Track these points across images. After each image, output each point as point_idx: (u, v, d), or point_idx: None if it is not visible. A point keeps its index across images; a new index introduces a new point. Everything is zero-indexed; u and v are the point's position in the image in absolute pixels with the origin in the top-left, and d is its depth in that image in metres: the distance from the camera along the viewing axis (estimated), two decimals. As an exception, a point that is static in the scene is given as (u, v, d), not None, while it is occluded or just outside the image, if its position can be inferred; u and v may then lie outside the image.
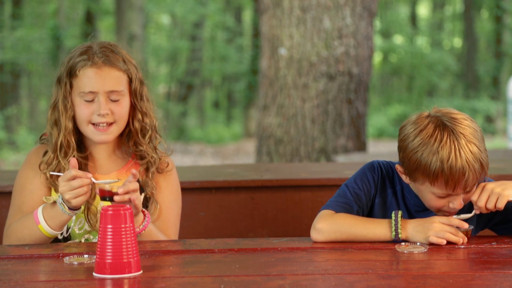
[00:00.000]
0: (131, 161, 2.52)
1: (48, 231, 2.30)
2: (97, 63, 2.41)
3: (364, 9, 6.73)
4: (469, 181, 2.18)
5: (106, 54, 2.44)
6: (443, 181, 2.18)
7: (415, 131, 2.23)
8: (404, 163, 2.27)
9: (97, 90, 2.38)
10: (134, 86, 2.46)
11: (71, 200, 2.20)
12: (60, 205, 2.25)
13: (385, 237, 2.19)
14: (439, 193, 2.22)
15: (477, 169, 2.18)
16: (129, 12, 16.94)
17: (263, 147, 6.87)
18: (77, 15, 19.62)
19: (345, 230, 2.22)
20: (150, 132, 2.49)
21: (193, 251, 2.15)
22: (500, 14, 21.49)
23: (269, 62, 6.83)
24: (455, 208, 2.24)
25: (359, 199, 2.34)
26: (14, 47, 17.12)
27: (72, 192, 2.20)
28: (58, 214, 2.27)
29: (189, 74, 21.92)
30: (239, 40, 22.09)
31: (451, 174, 2.16)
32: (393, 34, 23.87)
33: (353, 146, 6.74)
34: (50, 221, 2.28)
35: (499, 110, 19.69)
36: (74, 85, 2.41)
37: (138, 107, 2.47)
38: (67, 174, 2.20)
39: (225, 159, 14.55)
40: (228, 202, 3.24)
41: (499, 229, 2.42)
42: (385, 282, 1.80)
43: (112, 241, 1.86)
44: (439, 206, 2.25)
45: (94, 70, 2.40)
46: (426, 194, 2.26)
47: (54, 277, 1.92)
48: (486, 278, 1.81)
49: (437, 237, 2.15)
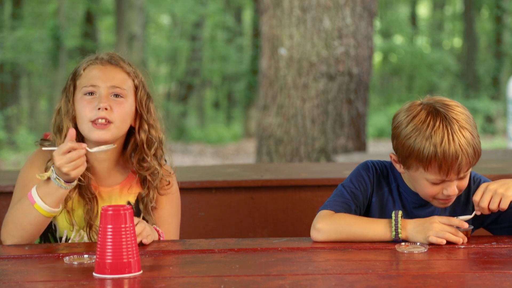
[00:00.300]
0: (131, 174, 2.48)
1: (45, 209, 2.23)
2: (102, 61, 2.41)
3: (364, 9, 6.73)
4: (462, 166, 2.19)
5: (112, 56, 2.44)
6: (436, 166, 2.19)
7: (408, 118, 2.25)
8: (398, 151, 2.28)
9: (98, 84, 2.36)
10: (140, 95, 2.42)
11: (70, 172, 2.15)
12: (55, 180, 2.20)
13: (385, 237, 2.19)
14: (433, 179, 2.23)
15: (470, 154, 2.19)
16: (129, 12, 16.93)
17: (263, 147, 6.87)
18: (77, 15, 19.63)
19: (344, 230, 2.22)
20: (156, 145, 2.46)
21: (193, 251, 2.15)
22: (500, 14, 21.49)
23: (269, 62, 6.83)
24: (449, 195, 2.25)
25: (357, 198, 2.35)
26: (14, 47, 17.13)
27: (71, 164, 2.15)
28: (54, 190, 2.21)
29: (189, 74, 21.93)
30: (239, 40, 22.09)
31: (445, 159, 2.17)
32: (393, 34, 23.88)
33: (353, 146, 6.74)
34: (46, 198, 2.22)
35: (499, 110, 19.69)
36: (78, 85, 2.40)
37: (145, 118, 2.44)
38: (63, 147, 2.15)
39: (225, 159, 14.55)
40: (228, 202, 3.24)
41: (492, 229, 2.42)
42: (385, 282, 1.80)
43: (112, 241, 1.86)
44: (433, 194, 2.26)
45: (98, 67, 2.40)
46: (420, 181, 2.26)
47: (54, 277, 1.92)
48: (486, 278, 1.81)
49: (436, 237, 2.15)
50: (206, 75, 22.04)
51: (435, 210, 2.37)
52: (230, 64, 20.77)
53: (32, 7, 19.56)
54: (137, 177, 2.48)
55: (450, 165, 2.18)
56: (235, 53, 20.93)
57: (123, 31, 16.44)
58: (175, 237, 2.52)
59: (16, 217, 2.27)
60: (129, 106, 2.40)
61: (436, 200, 2.29)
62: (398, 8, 25.00)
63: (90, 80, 2.37)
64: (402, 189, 2.38)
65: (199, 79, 21.97)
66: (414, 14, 25.21)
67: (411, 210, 2.37)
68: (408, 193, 2.37)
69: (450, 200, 2.29)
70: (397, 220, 2.17)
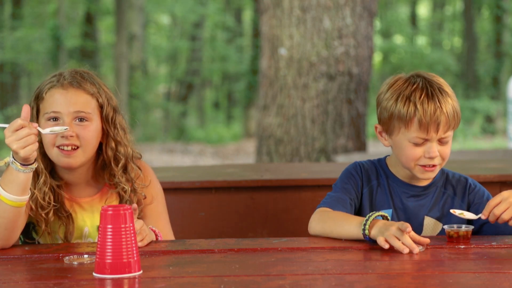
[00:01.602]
0: (104, 188, 2.46)
1: (10, 198, 2.15)
2: (63, 84, 2.35)
3: (364, 9, 6.73)
4: (441, 123, 2.27)
5: (74, 76, 2.38)
6: (416, 122, 2.27)
7: (389, 84, 2.38)
8: (381, 118, 2.37)
9: (61, 110, 2.32)
10: (106, 112, 2.38)
11: (19, 150, 2.08)
12: (13, 164, 2.14)
13: (358, 235, 2.18)
14: (414, 139, 2.29)
15: (449, 112, 2.28)
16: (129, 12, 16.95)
17: (263, 147, 6.87)
18: (77, 15, 19.63)
19: (329, 227, 2.26)
20: (123, 161, 2.42)
21: (193, 251, 2.15)
22: (500, 14, 21.49)
23: (269, 62, 6.83)
24: (431, 157, 2.29)
25: (349, 192, 2.40)
26: (14, 47, 17.14)
27: (20, 141, 2.08)
28: (14, 176, 2.14)
29: (189, 74, 21.93)
30: (239, 40, 22.09)
31: (424, 113, 2.26)
32: (393, 34, 23.87)
33: (353, 146, 6.74)
34: (8, 186, 2.14)
35: (499, 110, 19.68)
36: (41, 109, 2.36)
37: (112, 135, 2.40)
38: (13, 124, 2.10)
39: (225, 159, 14.55)
40: (228, 202, 3.24)
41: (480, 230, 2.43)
42: (385, 282, 1.80)
43: (112, 241, 1.86)
44: (416, 157, 2.30)
45: (60, 91, 2.34)
46: (403, 145, 2.32)
47: (54, 277, 1.92)
48: (486, 278, 1.81)
49: (383, 239, 2.09)
50: (206, 75, 22.04)
51: (427, 201, 2.40)
52: (230, 64, 20.77)
53: (32, 7, 19.57)
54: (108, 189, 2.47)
55: (429, 120, 2.26)
56: (235, 53, 20.93)
57: (123, 31, 16.45)
58: (169, 233, 2.52)
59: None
60: (94, 128, 2.36)
61: (420, 169, 2.32)
62: (398, 8, 25.00)
63: (52, 105, 2.33)
64: (391, 180, 2.42)
65: (199, 79, 21.97)
66: (414, 14, 25.20)
67: (402, 201, 2.40)
68: (398, 184, 2.41)
69: (432, 169, 2.33)
70: (367, 219, 2.16)
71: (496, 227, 2.34)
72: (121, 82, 16.04)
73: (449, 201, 2.43)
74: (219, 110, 23.60)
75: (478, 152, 8.14)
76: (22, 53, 17.47)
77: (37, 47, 17.54)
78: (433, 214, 2.41)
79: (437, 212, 2.41)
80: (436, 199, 2.42)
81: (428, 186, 2.43)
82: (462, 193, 2.44)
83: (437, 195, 2.43)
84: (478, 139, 17.32)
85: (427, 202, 2.41)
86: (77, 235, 2.40)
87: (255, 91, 17.74)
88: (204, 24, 21.84)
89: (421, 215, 2.41)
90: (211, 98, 24.18)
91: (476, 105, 19.17)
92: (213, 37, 21.72)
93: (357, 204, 2.42)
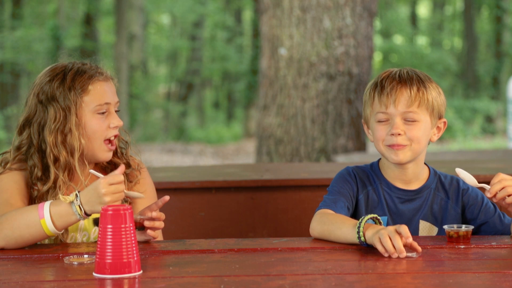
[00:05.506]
0: None
1: (50, 229, 2.16)
2: (102, 75, 2.40)
3: (364, 9, 6.73)
4: (400, 96, 2.28)
5: (99, 67, 2.44)
6: (377, 96, 2.31)
7: (373, 79, 2.40)
8: (364, 112, 2.40)
9: (110, 101, 2.38)
10: None
11: (110, 202, 2.11)
12: (75, 206, 2.14)
13: (354, 240, 2.13)
14: (377, 115, 2.31)
15: (412, 89, 2.28)
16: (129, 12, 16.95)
17: (263, 147, 6.87)
18: (77, 15, 19.63)
19: (328, 229, 2.22)
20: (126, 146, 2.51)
21: (193, 251, 2.15)
22: (500, 14, 21.50)
23: (269, 62, 6.83)
24: (394, 134, 2.28)
25: (345, 196, 2.38)
26: (14, 47, 17.14)
27: (115, 195, 2.12)
28: (67, 214, 2.15)
29: (189, 74, 21.94)
30: (239, 40, 22.10)
31: (382, 87, 2.30)
32: (393, 34, 23.88)
33: (353, 146, 6.74)
34: (56, 218, 2.15)
35: (499, 110, 19.69)
36: (86, 101, 2.36)
37: None
38: (115, 178, 2.12)
39: (225, 159, 14.55)
40: (228, 202, 3.24)
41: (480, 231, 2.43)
42: (385, 282, 1.80)
43: (112, 241, 1.86)
44: (382, 136, 2.31)
45: (104, 83, 2.40)
46: (373, 128, 2.34)
47: (54, 277, 1.92)
48: (486, 278, 1.81)
49: (373, 240, 2.06)
50: (206, 75, 22.05)
51: (420, 205, 2.39)
52: (230, 64, 20.77)
53: (32, 7, 19.57)
54: None
55: (389, 92, 2.28)
56: (235, 53, 20.94)
57: (123, 31, 16.45)
58: None
59: (17, 221, 2.17)
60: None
61: (388, 149, 2.32)
62: (398, 8, 25.00)
63: (103, 97, 2.37)
64: (385, 186, 2.41)
65: (199, 79, 21.98)
66: (414, 14, 25.22)
67: (396, 206, 2.39)
68: (392, 189, 2.40)
69: (399, 148, 2.30)
70: (360, 225, 2.11)
71: (494, 228, 2.35)
72: (121, 82, 16.02)
73: (443, 204, 2.41)
74: (219, 110, 23.62)
75: (478, 152, 8.14)
76: (22, 53, 17.47)
77: (37, 47, 17.54)
78: (427, 218, 2.40)
79: (432, 215, 2.40)
80: (430, 203, 2.40)
81: (420, 190, 2.40)
82: (456, 196, 2.42)
83: (431, 199, 2.41)
84: (478, 139, 17.33)
85: (421, 206, 2.39)
86: (73, 228, 2.39)
87: (255, 91, 17.75)
88: (204, 24, 21.85)
89: (415, 219, 2.39)
90: (211, 98, 24.19)
91: (476, 105, 19.18)
92: (213, 37, 21.73)
93: (352, 209, 2.39)
